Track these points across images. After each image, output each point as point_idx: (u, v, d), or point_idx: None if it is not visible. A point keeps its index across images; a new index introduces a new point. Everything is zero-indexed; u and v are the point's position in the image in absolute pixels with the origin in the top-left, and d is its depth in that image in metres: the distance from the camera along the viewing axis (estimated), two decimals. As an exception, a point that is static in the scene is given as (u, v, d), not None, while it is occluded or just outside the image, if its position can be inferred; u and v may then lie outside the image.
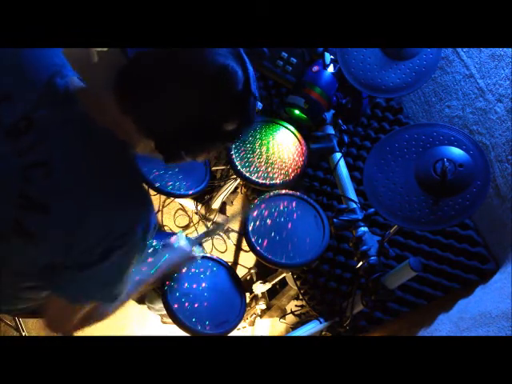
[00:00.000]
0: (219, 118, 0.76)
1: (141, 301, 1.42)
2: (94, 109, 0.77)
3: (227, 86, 0.74)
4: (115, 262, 0.80)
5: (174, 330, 1.19)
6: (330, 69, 1.41)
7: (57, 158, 0.76)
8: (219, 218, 1.77)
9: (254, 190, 1.62)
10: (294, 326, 1.67)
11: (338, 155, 1.41)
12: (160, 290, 1.21)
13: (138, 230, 0.79)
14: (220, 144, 0.80)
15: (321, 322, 1.34)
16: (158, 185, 1.32)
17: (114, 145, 0.78)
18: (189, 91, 0.72)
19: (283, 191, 1.39)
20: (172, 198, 1.71)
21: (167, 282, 1.22)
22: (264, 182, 1.37)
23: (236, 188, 1.71)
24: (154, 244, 1.22)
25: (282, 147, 1.45)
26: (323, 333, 1.38)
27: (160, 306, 1.22)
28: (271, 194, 1.38)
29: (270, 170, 1.40)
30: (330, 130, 1.45)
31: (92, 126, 0.76)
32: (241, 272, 1.92)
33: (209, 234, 1.54)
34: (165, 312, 1.19)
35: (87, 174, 0.76)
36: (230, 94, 0.75)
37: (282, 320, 1.70)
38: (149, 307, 1.40)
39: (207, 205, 1.73)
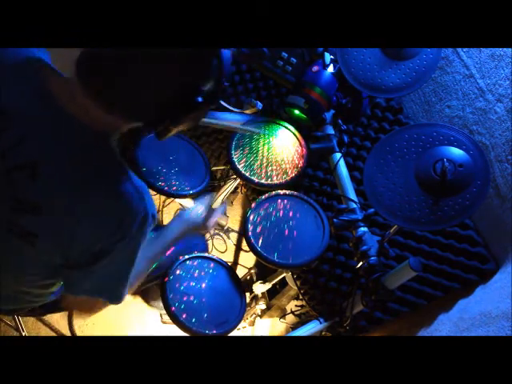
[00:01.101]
0: (197, 82, 0.75)
1: (143, 298, 1.42)
2: (72, 103, 0.75)
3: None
4: (117, 256, 0.81)
5: (174, 330, 1.19)
6: (330, 69, 1.41)
7: (40, 158, 0.75)
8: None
9: (254, 190, 1.62)
10: (294, 326, 1.67)
11: (338, 155, 1.41)
12: (160, 290, 1.21)
13: (134, 222, 0.79)
14: (204, 106, 0.78)
15: (321, 322, 1.34)
16: (158, 184, 1.32)
17: (95, 138, 0.77)
18: (159, 66, 0.71)
19: (283, 191, 1.39)
20: (172, 198, 1.71)
21: (165, 279, 1.22)
22: (264, 182, 1.37)
23: (236, 188, 1.71)
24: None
25: (282, 147, 1.45)
26: (323, 333, 1.38)
27: None
28: (271, 194, 1.38)
29: (269, 169, 1.40)
30: (330, 130, 1.45)
31: (71, 122, 0.75)
32: (241, 272, 1.92)
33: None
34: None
35: (72, 172, 0.76)
36: (200, 55, 0.74)
37: (282, 320, 1.70)
38: (152, 305, 1.40)
39: (207, 205, 1.72)
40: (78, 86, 0.72)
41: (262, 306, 1.69)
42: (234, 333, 1.25)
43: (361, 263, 1.19)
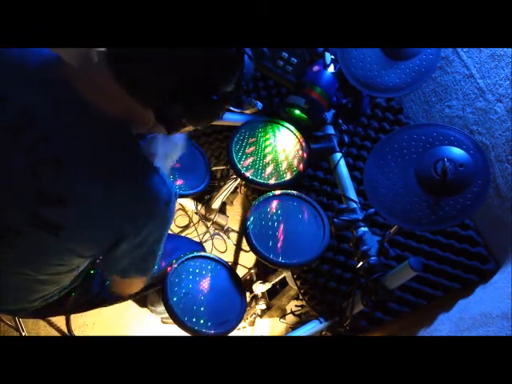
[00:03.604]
0: (215, 77, 0.76)
1: (142, 303, 1.42)
2: (90, 91, 0.76)
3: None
4: (149, 238, 0.85)
5: (174, 330, 1.19)
6: (331, 69, 1.41)
7: (64, 152, 0.76)
8: (219, 218, 1.77)
9: (254, 190, 1.62)
10: (294, 326, 1.67)
11: (339, 155, 1.41)
12: (160, 290, 1.21)
13: (160, 204, 0.81)
14: (219, 106, 0.79)
15: (321, 322, 1.34)
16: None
17: (115, 126, 0.78)
18: (179, 52, 0.72)
19: (283, 191, 1.39)
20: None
21: (166, 279, 1.21)
22: (264, 181, 1.37)
23: (236, 188, 1.71)
24: None
25: (283, 147, 1.45)
26: (323, 333, 1.38)
27: (162, 308, 1.22)
28: (271, 193, 1.38)
29: (270, 169, 1.40)
30: (330, 130, 1.45)
31: (91, 112, 0.76)
32: (241, 272, 1.92)
33: None
34: (166, 314, 1.19)
35: (96, 162, 0.77)
36: (223, 52, 0.75)
37: (282, 320, 1.70)
38: (151, 310, 1.40)
39: (207, 205, 1.73)
40: (102, 66, 0.73)
41: (262, 305, 1.69)
42: (234, 333, 1.25)
43: (361, 263, 1.19)
